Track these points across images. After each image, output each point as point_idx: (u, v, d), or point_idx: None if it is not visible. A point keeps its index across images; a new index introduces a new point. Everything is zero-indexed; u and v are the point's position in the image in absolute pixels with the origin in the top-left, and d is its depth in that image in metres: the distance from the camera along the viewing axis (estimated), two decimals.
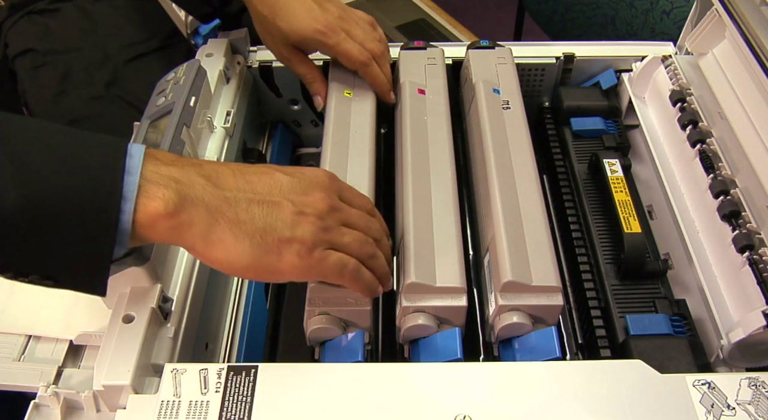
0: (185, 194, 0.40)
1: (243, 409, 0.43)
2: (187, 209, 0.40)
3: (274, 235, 0.42)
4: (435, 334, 0.50)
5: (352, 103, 0.65)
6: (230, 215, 0.42)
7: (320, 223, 0.44)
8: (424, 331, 0.50)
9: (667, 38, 0.78)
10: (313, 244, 0.43)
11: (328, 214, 0.45)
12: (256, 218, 0.42)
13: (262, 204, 0.43)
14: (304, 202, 0.44)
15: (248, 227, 0.42)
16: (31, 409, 0.47)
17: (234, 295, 0.64)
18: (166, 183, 0.40)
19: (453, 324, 0.51)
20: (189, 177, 0.42)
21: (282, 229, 0.43)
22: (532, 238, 0.52)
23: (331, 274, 0.45)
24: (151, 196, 0.39)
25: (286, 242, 0.43)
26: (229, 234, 0.41)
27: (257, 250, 0.42)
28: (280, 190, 0.44)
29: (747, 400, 0.43)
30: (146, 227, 0.40)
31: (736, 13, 0.61)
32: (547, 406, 0.43)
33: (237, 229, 0.42)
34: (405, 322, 0.50)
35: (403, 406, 0.43)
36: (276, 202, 0.43)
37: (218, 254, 0.42)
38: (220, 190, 0.42)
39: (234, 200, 0.42)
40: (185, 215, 0.40)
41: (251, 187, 0.43)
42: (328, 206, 0.45)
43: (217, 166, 0.44)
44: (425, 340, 0.51)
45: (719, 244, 0.55)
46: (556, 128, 0.74)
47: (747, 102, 0.60)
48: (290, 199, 0.44)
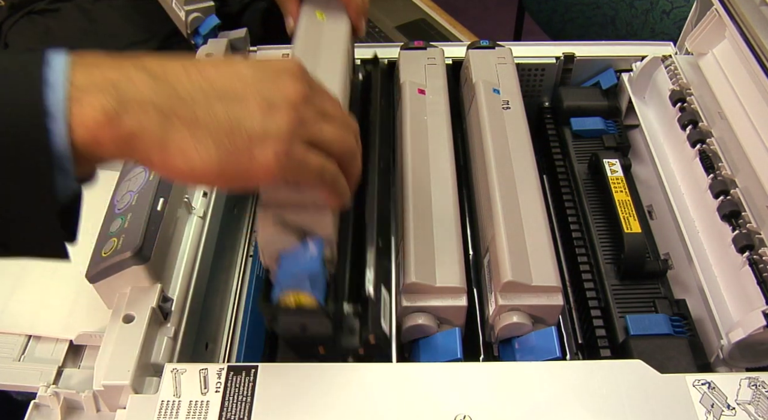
0: (127, 96, 0.34)
1: (243, 409, 0.43)
2: (132, 113, 0.34)
3: (242, 132, 0.36)
4: (435, 334, 0.50)
5: (323, 27, 0.61)
6: (187, 115, 0.35)
7: (295, 114, 0.37)
8: (424, 331, 0.50)
9: (667, 38, 0.78)
10: (291, 139, 0.37)
11: (302, 103, 0.38)
12: (219, 115, 0.35)
13: (225, 99, 0.36)
14: (273, 92, 0.37)
15: (210, 127, 0.35)
16: (31, 409, 0.47)
17: (234, 295, 0.64)
18: (101, 87, 0.34)
19: (453, 324, 0.51)
20: (129, 77, 0.35)
21: (251, 125, 0.36)
22: (532, 238, 0.52)
23: (310, 180, 0.39)
24: (85, 105, 0.33)
25: (259, 139, 0.36)
26: (188, 137, 0.35)
27: (224, 152, 0.35)
28: (243, 82, 0.37)
29: (747, 400, 0.43)
30: (89, 144, 0.33)
31: (736, 13, 0.61)
32: (547, 406, 0.43)
33: (197, 131, 0.35)
34: (405, 322, 0.50)
35: (403, 406, 0.43)
36: (241, 95, 0.36)
37: (179, 164, 0.35)
38: (171, 87, 0.35)
39: (189, 97, 0.35)
40: (131, 121, 0.34)
41: (208, 81, 0.36)
42: (301, 95, 0.38)
43: (164, 60, 0.37)
44: (425, 340, 0.51)
45: (719, 244, 0.55)
46: (556, 128, 0.74)
47: (747, 102, 0.60)
48: (258, 91, 0.37)
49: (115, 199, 0.52)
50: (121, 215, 0.50)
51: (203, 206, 0.58)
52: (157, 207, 0.51)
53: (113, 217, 0.51)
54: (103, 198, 0.53)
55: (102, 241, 0.50)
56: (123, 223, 0.50)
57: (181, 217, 0.55)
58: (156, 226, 0.50)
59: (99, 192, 0.59)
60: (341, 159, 0.40)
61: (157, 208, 0.51)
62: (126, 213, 0.50)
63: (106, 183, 0.56)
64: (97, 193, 0.59)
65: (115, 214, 0.51)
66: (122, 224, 0.50)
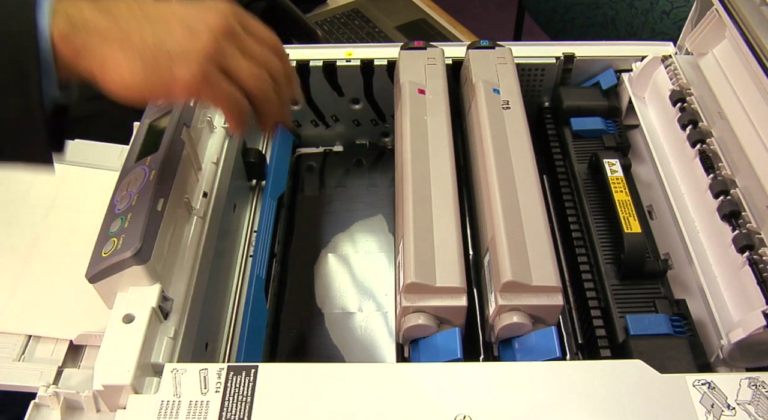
0: (75, 20, 0.41)
1: (243, 409, 0.43)
2: (79, 34, 0.41)
3: (164, 50, 0.42)
4: (435, 334, 0.50)
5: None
6: (120, 37, 0.42)
7: (214, 43, 0.43)
8: (424, 331, 0.50)
9: (667, 38, 0.78)
10: (205, 61, 0.43)
11: (223, 36, 0.44)
12: (146, 37, 0.42)
13: (154, 23, 0.43)
14: (197, 21, 0.43)
15: (138, 46, 0.42)
16: (31, 409, 0.47)
17: (234, 295, 0.64)
18: (62, 13, 0.41)
19: (453, 324, 0.51)
20: (78, 6, 0.42)
21: (172, 45, 0.42)
22: (532, 238, 0.52)
23: (220, 104, 0.45)
24: (54, 24, 0.41)
25: (178, 57, 0.42)
26: (121, 55, 0.41)
27: (149, 67, 0.42)
28: (172, 12, 0.44)
29: (747, 400, 0.43)
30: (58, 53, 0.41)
31: (736, 13, 0.61)
32: (547, 406, 0.43)
33: (129, 50, 0.42)
34: (405, 322, 0.50)
35: (403, 406, 0.43)
36: (168, 21, 0.43)
37: (113, 76, 0.42)
38: (110, 16, 0.42)
39: (125, 23, 0.42)
40: (79, 40, 0.41)
41: (143, 12, 0.43)
42: (223, 27, 0.44)
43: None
44: (425, 340, 0.51)
45: (719, 244, 0.55)
46: (556, 128, 0.74)
47: (747, 102, 0.60)
48: (184, 20, 0.43)
49: (115, 199, 0.52)
50: (121, 215, 0.50)
51: (203, 206, 0.58)
52: (157, 207, 0.51)
53: (113, 217, 0.51)
54: (103, 198, 0.53)
55: (102, 241, 0.50)
56: (123, 223, 0.50)
57: (181, 217, 0.55)
58: (156, 226, 0.50)
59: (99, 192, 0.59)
60: (255, 95, 0.46)
61: (157, 208, 0.51)
62: (126, 213, 0.50)
63: (106, 183, 0.56)
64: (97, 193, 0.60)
65: (115, 214, 0.51)
66: (122, 224, 0.50)
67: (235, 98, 0.45)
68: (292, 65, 0.49)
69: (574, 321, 0.60)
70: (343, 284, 0.68)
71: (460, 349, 0.49)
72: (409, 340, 0.51)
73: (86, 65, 0.42)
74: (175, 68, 0.42)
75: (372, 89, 0.77)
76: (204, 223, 0.58)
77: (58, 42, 0.41)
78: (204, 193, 0.59)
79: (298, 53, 0.75)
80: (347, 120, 0.81)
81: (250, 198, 0.74)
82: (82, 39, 0.41)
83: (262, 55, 0.46)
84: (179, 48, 0.42)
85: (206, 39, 0.43)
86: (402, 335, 0.51)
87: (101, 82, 0.42)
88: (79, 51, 0.41)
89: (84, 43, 0.41)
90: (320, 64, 0.74)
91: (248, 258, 0.67)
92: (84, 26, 0.41)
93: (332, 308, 0.66)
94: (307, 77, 0.76)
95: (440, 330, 0.50)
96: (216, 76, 0.43)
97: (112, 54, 0.42)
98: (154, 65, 0.42)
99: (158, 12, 0.44)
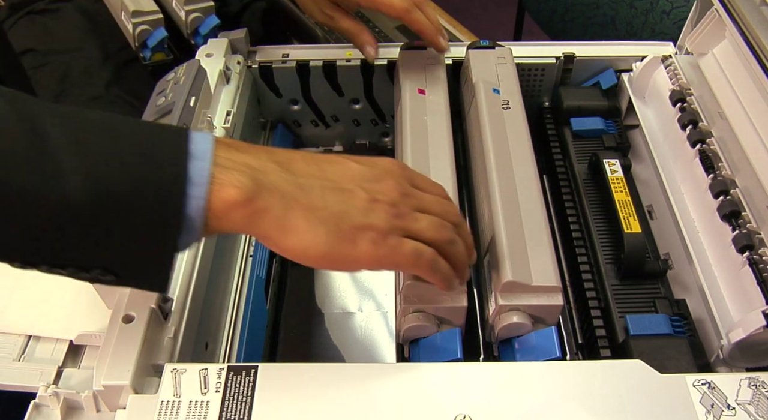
0: (261, 180, 0.40)
1: (243, 409, 0.43)
2: (263, 196, 0.39)
3: (348, 221, 0.41)
4: (435, 334, 0.50)
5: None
6: (305, 202, 0.41)
7: (393, 209, 0.43)
8: (424, 331, 0.50)
9: (667, 38, 0.78)
10: (387, 230, 0.42)
11: (401, 200, 0.44)
12: (331, 205, 0.41)
13: (336, 191, 0.42)
14: (376, 189, 0.43)
15: (323, 214, 0.41)
16: (31, 409, 0.47)
17: (234, 295, 0.64)
18: (241, 169, 0.39)
19: (453, 324, 0.51)
20: (262, 163, 0.41)
21: (356, 216, 0.42)
22: (532, 238, 0.52)
23: (406, 263, 0.44)
24: (226, 183, 0.38)
25: (361, 229, 0.42)
26: (303, 221, 0.40)
27: (332, 237, 0.41)
28: (352, 177, 0.43)
29: (747, 400, 0.43)
30: (220, 216, 0.39)
31: (736, 13, 0.61)
32: (547, 406, 0.43)
33: (312, 216, 0.41)
34: (405, 323, 0.50)
35: (403, 406, 0.43)
36: (349, 189, 0.43)
37: (293, 242, 0.40)
38: (294, 177, 0.41)
39: (308, 186, 0.41)
40: (261, 202, 0.39)
41: (324, 174, 0.43)
42: (400, 193, 0.44)
43: (289, 152, 0.44)
44: (425, 340, 0.51)
45: (719, 244, 0.55)
46: (556, 128, 0.74)
47: (747, 102, 0.60)
48: (363, 187, 0.43)
49: None
50: None
51: None
52: None
53: None
54: None
55: None
56: None
57: None
58: None
59: None
60: (438, 246, 0.45)
61: None
62: None
63: None
64: None
65: None
66: None
67: (423, 254, 0.44)
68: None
69: (574, 321, 0.60)
70: (343, 284, 0.68)
71: (460, 349, 0.49)
72: (409, 340, 0.51)
73: (263, 228, 0.40)
74: (359, 241, 0.41)
75: (372, 89, 0.77)
76: None
77: (232, 204, 0.38)
78: None
79: (298, 53, 0.75)
80: (347, 120, 0.81)
81: None
82: (264, 201, 0.39)
83: (436, 206, 0.46)
84: (363, 220, 0.42)
85: (387, 209, 0.43)
86: (402, 335, 0.51)
87: (277, 243, 0.41)
88: (256, 214, 0.39)
89: (266, 205, 0.39)
90: (320, 64, 0.74)
91: (248, 258, 0.67)
92: (268, 187, 0.40)
93: (332, 308, 0.66)
94: (307, 77, 0.76)
95: (440, 330, 0.50)
96: (396, 240, 0.43)
97: (294, 219, 0.40)
98: (337, 235, 0.41)
99: (338, 175, 0.43)
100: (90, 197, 0.35)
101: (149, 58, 0.89)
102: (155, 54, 0.89)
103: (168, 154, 0.38)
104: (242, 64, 0.74)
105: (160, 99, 0.61)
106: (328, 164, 0.44)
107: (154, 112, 0.60)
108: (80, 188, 0.35)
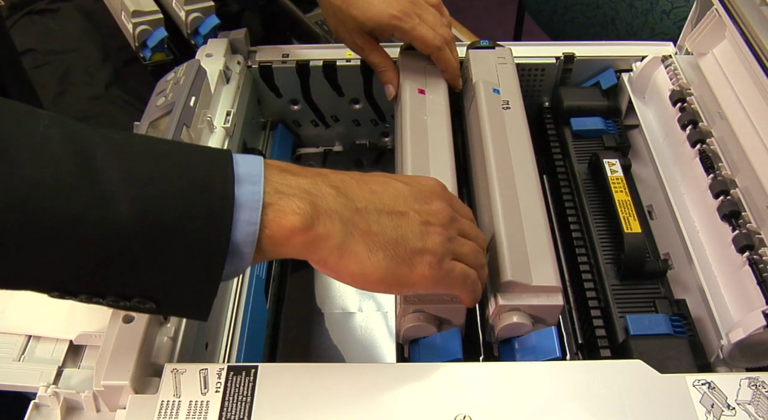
0: (319, 206, 0.39)
1: (243, 409, 0.43)
2: (323, 222, 0.39)
3: (406, 246, 0.42)
4: (435, 334, 0.50)
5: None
6: (363, 227, 0.41)
7: (446, 233, 0.44)
8: (424, 332, 0.50)
9: (667, 38, 0.78)
10: (442, 254, 0.43)
11: (450, 224, 0.45)
12: (388, 229, 0.42)
13: (392, 215, 0.42)
14: (428, 211, 0.44)
15: (381, 239, 0.41)
16: (31, 409, 0.47)
17: (234, 295, 0.64)
18: (299, 195, 0.39)
19: (453, 324, 0.51)
20: (319, 188, 0.40)
21: (413, 241, 0.42)
22: (532, 238, 0.52)
23: (456, 285, 0.45)
24: (286, 209, 0.38)
25: (418, 253, 0.42)
26: (362, 246, 0.40)
27: (391, 262, 0.41)
28: (404, 200, 0.43)
29: (747, 400, 0.43)
30: (279, 242, 0.38)
31: (736, 13, 0.61)
32: (547, 406, 0.43)
33: (370, 241, 0.41)
34: (405, 323, 0.50)
35: (404, 406, 0.43)
36: (403, 212, 0.43)
37: (352, 267, 0.40)
38: (351, 201, 0.41)
39: (365, 211, 0.41)
40: (322, 228, 0.39)
41: (377, 197, 0.43)
42: (449, 216, 0.45)
43: (341, 175, 0.43)
44: (425, 340, 0.51)
45: (719, 244, 0.55)
46: (556, 128, 0.74)
47: (747, 102, 0.60)
48: (415, 210, 0.43)
49: None
50: None
51: None
52: None
53: None
54: None
55: None
56: None
57: None
58: None
59: None
60: (475, 268, 0.46)
61: None
62: None
63: None
64: None
65: None
66: None
67: (470, 277, 0.45)
68: None
69: (574, 321, 0.60)
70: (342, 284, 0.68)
71: (460, 349, 0.49)
72: (410, 340, 0.51)
73: (321, 253, 0.40)
74: (416, 265, 0.42)
75: (372, 89, 0.77)
76: None
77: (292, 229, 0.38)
78: None
79: (298, 53, 0.75)
80: (347, 120, 0.81)
81: None
82: (324, 227, 0.39)
83: (473, 231, 0.47)
84: (420, 245, 0.42)
85: (440, 232, 0.43)
86: (402, 335, 0.51)
87: (334, 269, 0.41)
88: (316, 239, 0.39)
89: (327, 231, 0.39)
90: (320, 64, 0.74)
91: None
92: (326, 212, 0.39)
93: (332, 308, 0.66)
94: (307, 77, 0.76)
95: (440, 330, 0.50)
96: (449, 263, 0.44)
97: (354, 245, 0.40)
98: (395, 260, 0.41)
99: (390, 198, 0.43)
100: (138, 223, 0.34)
101: (149, 58, 0.89)
102: (155, 54, 0.89)
103: (213, 177, 0.37)
104: (242, 64, 0.74)
105: (160, 99, 0.61)
106: (378, 186, 0.43)
107: (154, 112, 0.60)
108: (129, 214, 0.34)
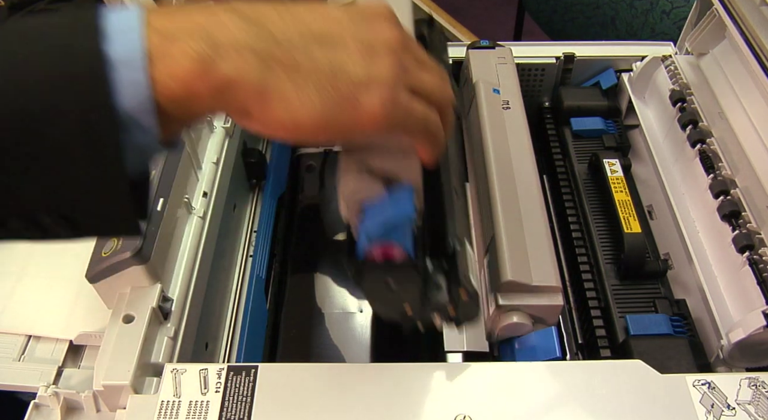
0: (220, 40, 0.30)
1: (243, 409, 0.43)
2: (228, 60, 0.30)
3: (346, 78, 0.33)
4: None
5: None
6: (286, 60, 0.32)
7: (397, 59, 0.34)
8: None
9: (667, 38, 0.78)
10: (395, 84, 0.34)
11: (402, 49, 0.35)
12: (319, 60, 0.32)
13: (324, 43, 0.33)
14: (370, 35, 0.34)
15: (312, 72, 0.32)
16: (31, 409, 0.47)
17: (234, 295, 0.64)
18: (191, 32, 0.30)
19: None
20: (219, 19, 0.31)
21: (354, 70, 0.33)
22: (532, 238, 0.52)
23: (416, 129, 0.36)
24: (177, 55, 0.29)
25: (363, 86, 0.33)
26: (289, 84, 0.32)
27: (327, 99, 0.32)
28: (338, 24, 0.34)
29: (747, 400, 0.43)
30: (180, 98, 0.30)
31: (736, 13, 0.61)
32: (547, 406, 0.43)
33: (298, 77, 0.32)
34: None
35: (404, 406, 0.43)
36: (338, 38, 0.33)
37: (280, 113, 0.32)
38: (266, 31, 0.32)
39: (287, 41, 0.32)
40: (228, 67, 0.30)
41: (303, 24, 0.33)
42: (400, 40, 0.35)
43: (255, 3, 0.34)
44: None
45: (719, 244, 0.55)
46: (556, 128, 0.74)
47: (747, 102, 0.60)
48: (354, 34, 0.34)
49: None
50: None
51: (203, 206, 0.58)
52: (157, 207, 0.51)
53: None
54: None
55: (102, 241, 0.50)
56: None
57: (181, 217, 0.55)
58: (156, 226, 0.50)
59: None
60: (440, 108, 0.38)
61: (157, 208, 0.51)
62: None
63: None
64: None
65: None
66: None
67: (431, 119, 0.37)
68: None
69: (574, 321, 0.60)
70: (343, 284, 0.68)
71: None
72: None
73: (238, 101, 0.31)
74: (361, 98, 0.33)
75: None
76: (204, 223, 0.58)
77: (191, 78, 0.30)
78: (204, 192, 0.59)
79: None
80: None
81: (250, 198, 0.74)
82: (231, 66, 0.30)
83: (430, 60, 0.38)
84: (363, 73, 0.33)
85: (390, 58, 0.34)
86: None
87: (259, 119, 0.32)
88: (226, 83, 0.30)
89: (236, 70, 0.30)
90: None
91: (248, 258, 0.67)
92: (233, 47, 0.30)
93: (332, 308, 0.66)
94: None
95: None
96: (407, 99, 0.35)
97: (276, 83, 0.31)
98: (333, 95, 0.32)
99: (321, 22, 0.34)
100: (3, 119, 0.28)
101: None
102: None
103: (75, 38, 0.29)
104: None
105: None
106: (305, 12, 0.34)
107: None
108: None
